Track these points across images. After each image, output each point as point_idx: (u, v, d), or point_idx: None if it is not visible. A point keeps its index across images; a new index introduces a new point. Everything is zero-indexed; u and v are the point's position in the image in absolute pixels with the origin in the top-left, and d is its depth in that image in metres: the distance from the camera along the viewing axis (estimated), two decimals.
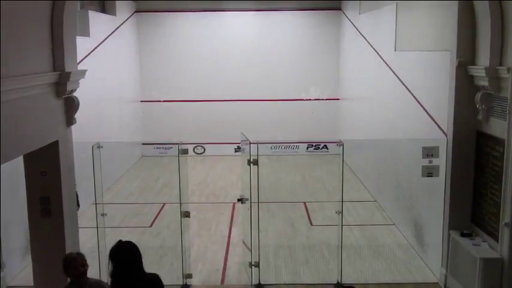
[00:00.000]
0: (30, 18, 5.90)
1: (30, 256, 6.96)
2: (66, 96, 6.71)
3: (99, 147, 7.28)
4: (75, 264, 4.44)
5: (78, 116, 7.03)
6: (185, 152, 7.61)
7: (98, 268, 7.49)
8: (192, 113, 16.58)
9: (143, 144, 16.28)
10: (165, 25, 16.42)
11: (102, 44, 12.72)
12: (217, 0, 16.08)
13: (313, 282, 7.74)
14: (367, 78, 12.84)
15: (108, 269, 4.25)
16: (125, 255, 4.23)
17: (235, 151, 15.57)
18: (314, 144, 16.54)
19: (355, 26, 14.13)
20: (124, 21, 14.93)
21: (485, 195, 6.74)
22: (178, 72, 16.48)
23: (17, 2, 5.45)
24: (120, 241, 4.36)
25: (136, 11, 16.16)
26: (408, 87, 9.45)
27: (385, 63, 10.93)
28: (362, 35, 13.22)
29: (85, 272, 4.50)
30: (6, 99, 5.14)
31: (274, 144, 16.18)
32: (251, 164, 7.43)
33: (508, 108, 5.98)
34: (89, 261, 4.67)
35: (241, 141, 8.19)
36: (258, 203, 7.59)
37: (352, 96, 15.14)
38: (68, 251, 6.08)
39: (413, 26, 9.73)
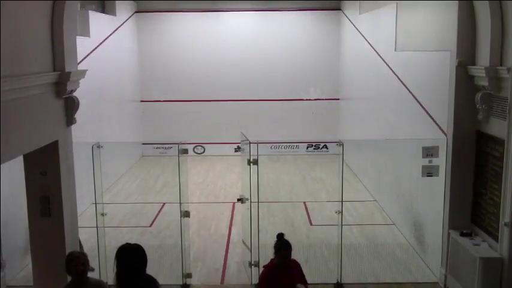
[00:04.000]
0: (30, 18, 5.91)
1: (30, 256, 6.96)
2: (66, 96, 6.71)
3: (99, 147, 7.28)
4: (76, 262, 4.46)
5: (78, 116, 7.03)
6: (185, 151, 7.62)
7: (98, 268, 7.51)
8: (192, 113, 16.59)
9: (143, 144, 16.30)
10: (165, 25, 16.42)
11: (102, 43, 12.73)
12: (217, 0, 16.09)
13: (313, 282, 7.72)
14: (367, 78, 12.84)
15: (114, 269, 4.25)
16: (133, 258, 4.24)
17: (235, 151, 15.58)
18: (314, 144, 16.56)
19: (355, 26, 14.14)
20: (124, 21, 14.93)
21: (485, 195, 6.74)
22: (178, 72, 16.48)
23: (17, 2, 5.45)
24: (127, 243, 4.36)
25: (136, 11, 16.17)
26: (408, 87, 9.45)
27: (385, 63, 10.93)
28: (362, 35, 13.23)
29: (85, 271, 4.51)
30: (6, 99, 5.14)
31: (274, 144, 16.20)
32: (251, 164, 7.43)
33: (508, 108, 5.99)
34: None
35: (241, 141, 8.19)
36: (258, 202, 7.59)
37: (352, 96, 15.15)
38: (68, 250, 6.07)
39: (413, 26, 9.74)
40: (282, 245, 5.18)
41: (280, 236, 5.26)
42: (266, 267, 5.26)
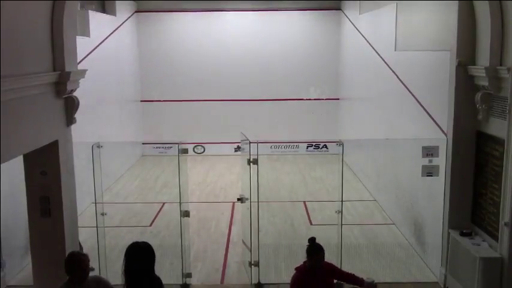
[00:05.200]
0: (30, 18, 5.90)
1: (30, 256, 6.95)
2: (66, 96, 6.72)
3: (99, 147, 7.28)
4: (82, 265, 4.40)
5: (78, 116, 7.03)
6: (185, 151, 7.62)
7: (98, 268, 7.51)
8: (192, 113, 16.59)
9: (143, 144, 16.30)
10: (165, 25, 16.42)
11: (102, 43, 12.73)
12: (217, 0, 16.09)
13: None
14: (367, 78, 12.85)
15: (122, 268, 4.30)
16: (142, 257, 4.31)
17: (235, 151, 15.59)
18: (314, 144, 16.56)
19: (355, 26, 14.14)
20: (124, 21, 14.93)
21: (485, 195, 6.74)
22: (178, 72, 16.48)
23: (17, 2, 5.45)
24: (136, 242, 4.44)
25: (136, 11, 16.17)
26: (408, 87, 9.45)
27: (385, 63, 10.93)
28: (362, 35, 13.23)
29: (88, 273, 4.50)
30: (6, 99, 5.14)
31: (274, 144, 16.20)
32: (251, 164, 7.43)
33: (508, 108, 5.99)
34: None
35: (241, 140, 8.20)
36: (258, 202, 7.59)
37: (352, 96, 15.15)
38: (68, 250, 6.07)
39: (413, 26, 9.74)
40: (315, 249, 5.16)
41: (312, 240, 5.25)
42: (298, 269, 5.24)
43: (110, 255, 7.76)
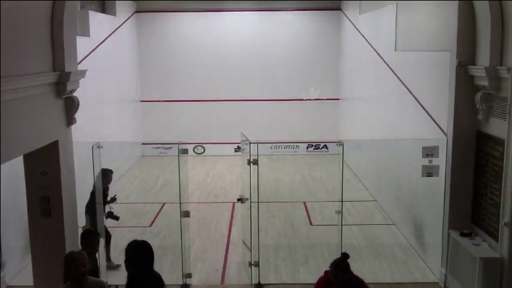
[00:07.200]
0: (30, 18, 5.90)
1: (30, 256, 6.95)
2: (66, 96, 6.72)
3: (99, 147, 7.28)
4: (77, 264, 4.42)
5: (78, 116, 7.03)
6: (185, 151, 7.62)
7: (98, 268, 7.50)
8: (192, 113, 16.59)
9: (143, 144, 16.29)
10: (165, 25, 16.43)
11: (102, 44, 12.73)
12: (217, 0, 16.09)
13: (313, 282, 7.68)
14: (367, 78, 12.85)
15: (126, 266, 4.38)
16: (141, 253, 4.38)
17: (235, 151, 15.58)
18: (314, 144, 16.56)
19: (355, 26, 14.14)
20: (124, 21, 14.93)
21: (485, 195, 6.74)
22: (178, 72, 16.49)
23: (17, 2, 5.45)
24: (135, 240, 4.51)
25: (136, 11, 16.17)
26: (408, 87, 9.45)
27: (385, 63, 10.93)
28: (362, 35, 13.23)
29: (86, 272, 4.50)
30: (6, 99, 5.14)
31: (274, 144, 16.21)
32: (251, 164, 7.43)
33: (508, 108, 5.98)
34: None
35: (241, 141, 8.20)
36: (258, 202, 7.59)
37: (352, 96, 15.15)
38: (68, 250, 6.06)
39: (413, 26, 9.74)
40: (333, 261, 5.25)
41: (344, 256, 5.34)
42: (325, 273, 5.31)
43: (110, 255, 7.75)
